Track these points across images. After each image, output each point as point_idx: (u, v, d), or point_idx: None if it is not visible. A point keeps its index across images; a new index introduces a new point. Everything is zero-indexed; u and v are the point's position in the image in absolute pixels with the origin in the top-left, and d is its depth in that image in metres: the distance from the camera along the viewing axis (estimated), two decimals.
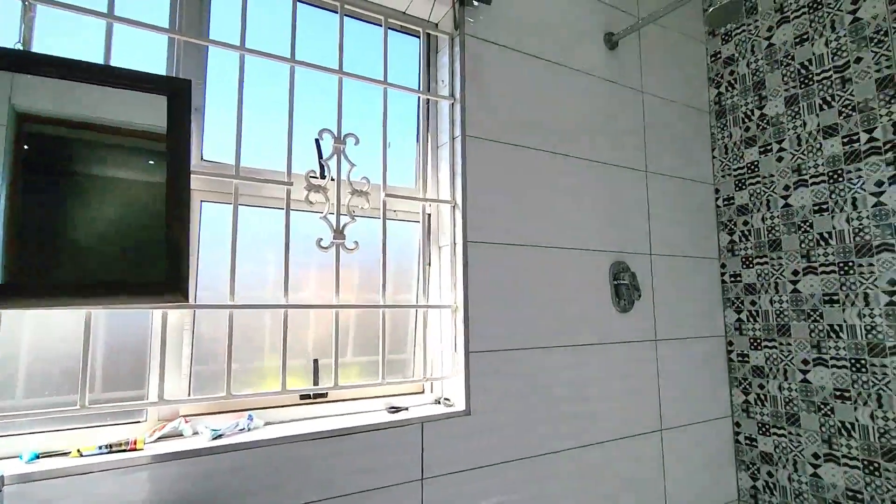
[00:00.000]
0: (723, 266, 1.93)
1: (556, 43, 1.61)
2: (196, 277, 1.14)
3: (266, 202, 1.23)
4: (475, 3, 1.43)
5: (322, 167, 1.24)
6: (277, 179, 1.18)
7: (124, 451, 0.95)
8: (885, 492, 1.44)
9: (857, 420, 1.52)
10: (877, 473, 1.47)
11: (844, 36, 1.59)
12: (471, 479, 1.28)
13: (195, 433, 1.07)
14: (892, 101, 1.47)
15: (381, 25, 1.38)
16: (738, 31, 1.91)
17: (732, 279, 1.90)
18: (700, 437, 1.77)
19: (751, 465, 1.81)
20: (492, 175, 1.42)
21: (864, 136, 1.54)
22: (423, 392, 1.41)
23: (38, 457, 0.90)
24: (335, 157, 1.25)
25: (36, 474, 0.85)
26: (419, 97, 1.48)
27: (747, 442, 1.82)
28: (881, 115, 1.50)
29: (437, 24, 1.51)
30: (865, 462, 1.49)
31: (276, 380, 1.15)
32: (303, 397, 1.24)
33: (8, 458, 0.91)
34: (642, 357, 1.67)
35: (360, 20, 1.43)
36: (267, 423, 1.15)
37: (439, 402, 1.37)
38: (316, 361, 1.26)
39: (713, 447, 1.81)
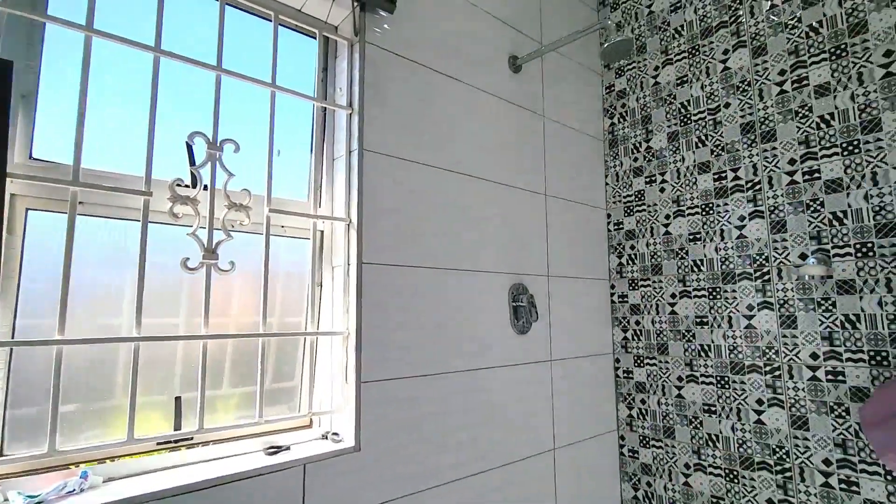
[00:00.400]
0: (612, 287, 2.04)
1: (461, 61, 1.59)
2: (16, 304, 0.92)
3: (123, 213, 1.04)
4: (381, 13, 1.35)
5: (193, 176, 1.08)
6: (131, 188, 1.00)
7: None
8: (742, 497, 1.59)
9: (720, 432, 1.66)
10: (736, 480, 1.61)
11: (717, 82, 1.76)
12: None
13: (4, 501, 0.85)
14: (753, 145, 1.65)
15: (272, 21, 1.24)
16: (630, 67, 2.05)
17: (620, 299, 2.01)
18: (589, 452, 1.84)
19: (633, 477, 1.91)
20: (390, 192, 1.34)
21: (730, 175, 1.70)
22: (310, 426, 1.29)
23: None
24: (209, 164, 1.09)
25: None
26: (314, 104, 1.37)
27: (630, 454, 1.93)
28: (744, 157, 1.67)
29: (336, 28, 1.40)
30: (727, 470, 1.64)
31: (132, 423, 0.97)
32: (163, 442, 1.05)
33: None
34: (538, 378, 1.69)
35: (250, 13, 1.29)
36: (109, 480, 0.96)
37: (326, 437, 1.25)
38: (178, 400, 1.09)
39: (600, 461, 1.89)
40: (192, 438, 1.08)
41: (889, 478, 1.32)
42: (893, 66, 1.38)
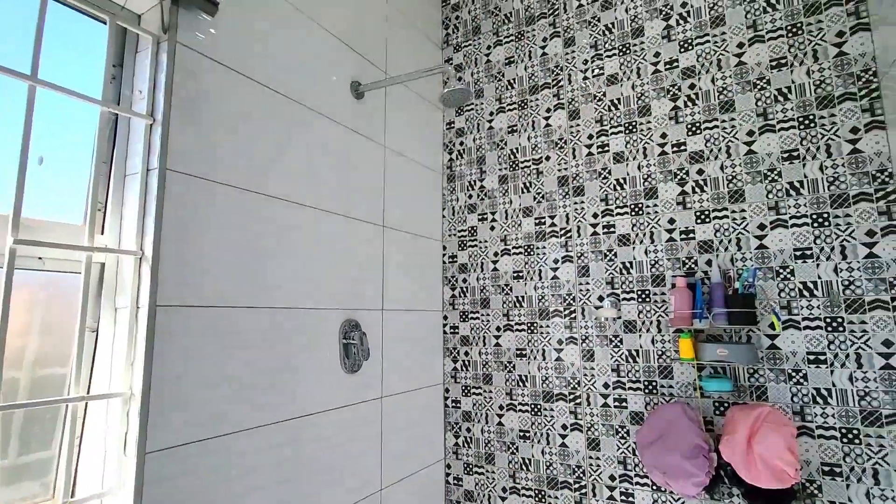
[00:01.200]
0: (444, 318, 2.10)
1: (300, 81, 1.47)
2: None
3: None
4: (203, 15, 1.16)
5: None
6: None
7: None
8: None
9: (532, 456, 1.81)
10: (543, 500, 1.77)
11: (540, 136, 1.95)
12: None
13: None
14: (567, 197, 1.86)
15: None
16: (469, 108, 2.15)
17: (451, 330, 2.07)
18: (416, 485, 1.83)
19: None
20: (202, 222, 1.15)
21: (548, 220, 1.89)
22: None
23: None
24: None
25: None
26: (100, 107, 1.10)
27: (455, 482, 1.98)
28: (560, 206, 1.87)
29: (139, 17, 1.16)
30: (536, 491, 1.78)
31: None
32: None
33: None
34: (369, 417, 1.62)
35: None
36: None
37: None
38: None
39: (427, 492, 1.90)
40: None
41: (654, 489, 1.57)
42: (667, 146, 1.69)
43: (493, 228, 2.02)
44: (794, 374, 1.42)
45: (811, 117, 1.47)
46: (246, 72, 1.30)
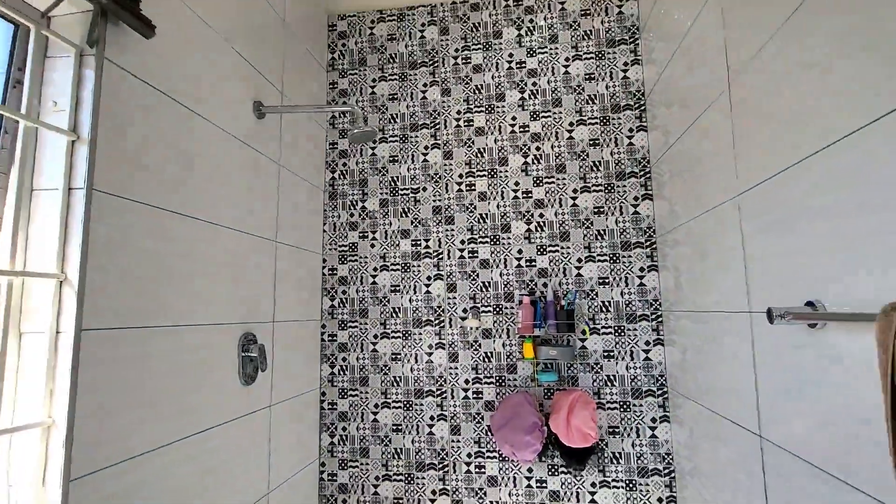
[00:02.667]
0: (323, 326, 2.24)
1: (210, 99, 1.49)
2: None
3: None
4: (135, 33, 1.14)
5: None
6: None
7: None
8: (415, 494, 2.06)
9: (404, 445, 2.10)
10: (412, 482, 2.07)
11: (419, 169, 2.26)
12: None
13: None
14: (440, 224, 2.20)
15: None
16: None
17: (330, 338, 2.23)
18: (296, 485, 1.95)
19: (330, 498, 2.14)
20: (120, 242, 1.14)
21: (423, 243, 2.21)
22: None
23: None
24: None
25: None
26: None
27: (329, 477, 2.15)
28: (433, 232, 2.21)
29: (47, 18, 1.09)
30: (406, 475, 2.08)
31: None
32: None
33: None
34: (259, 426, 1.70)
35: None
36: None
37: None
38: None
39: (304, 491, 2.03)
40: None
41: (500, 459, 2.02)
42: (519, 193, 2.16)
43: (373, 246, 2.25)
44: (594, 366, 2.01)
45: (612, 185, 2.10)
46: (167, 91, 1.29)
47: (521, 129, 2.20)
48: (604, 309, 2.04)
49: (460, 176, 2.22)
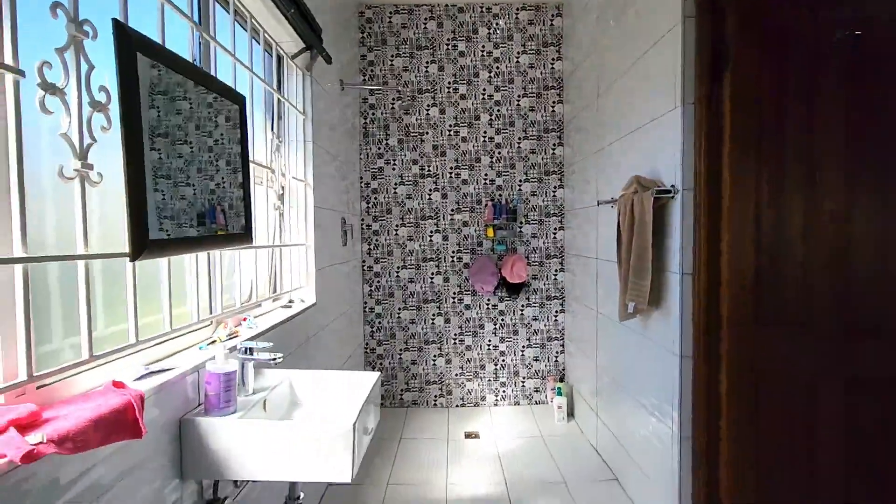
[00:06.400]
0: (362, 217, 3.55)
1: (332, 85, 2.65)
2: None
3: None
4: (327, 62, 2.29)
5: None
6: None
7: None
8: (423, 318, 3.58)
9: (416, 291, 3.57)
10: (420, 310, 3.57)
11: (423, 119, 3.51)
12: None
13: None
14: (437, 157, 3.52)
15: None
16: (378, 93, 3.50)
17: (367, 227, 3.55)
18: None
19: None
20: (321, 163, 2.38)
21: (427, 168, 3.53)
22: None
23: None
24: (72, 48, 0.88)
25: None
26: (263, 87, 2.18)
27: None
28: (433, 161, 3.53)
29: (293, 57, 2.23)
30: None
31: None
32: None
33: None
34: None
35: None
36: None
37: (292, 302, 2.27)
38: None
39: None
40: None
41: (471, 295, 3.56)
42: (487, 138, 3.52)
43: (393, 169, 3.53)
44: (526, 241, 3.55)
45: (541, 136, 3.52)
46: (324, 86, 2.47)
47: (489, 98, 3.51)
48: (533, 209, 3.54)
49: (450, 126, 3.51)
